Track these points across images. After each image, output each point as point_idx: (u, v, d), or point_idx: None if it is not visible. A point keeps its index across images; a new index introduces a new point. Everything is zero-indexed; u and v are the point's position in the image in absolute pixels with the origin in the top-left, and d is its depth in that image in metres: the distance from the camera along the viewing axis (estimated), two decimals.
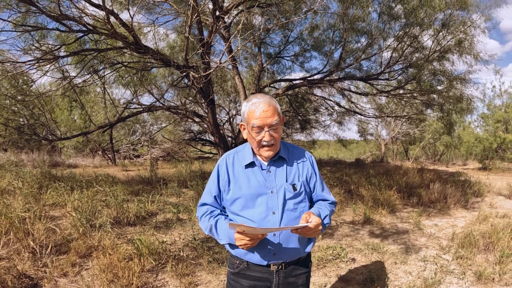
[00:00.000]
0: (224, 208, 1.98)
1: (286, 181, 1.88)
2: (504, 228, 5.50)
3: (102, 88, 13.43)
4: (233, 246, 1.90)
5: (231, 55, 6.98)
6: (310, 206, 1.99)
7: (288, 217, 1.83)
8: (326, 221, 1.87)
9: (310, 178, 1.97)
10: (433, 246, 5.25)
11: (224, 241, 1.83)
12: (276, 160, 1.91)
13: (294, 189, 1.87)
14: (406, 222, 6.60)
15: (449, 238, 5.60)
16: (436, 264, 4.52)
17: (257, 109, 1.78)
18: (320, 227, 1.74)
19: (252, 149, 1.91)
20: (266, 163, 1.90)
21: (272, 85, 12.29)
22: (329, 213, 1.93)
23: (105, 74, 9.35)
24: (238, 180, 1.88)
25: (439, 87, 9.89)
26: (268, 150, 1.83)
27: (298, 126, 15.76)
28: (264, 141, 1.80)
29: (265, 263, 1.84)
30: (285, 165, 1.92)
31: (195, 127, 16.98)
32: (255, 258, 1.84)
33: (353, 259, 4.67)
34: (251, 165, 1.90)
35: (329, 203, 2.02)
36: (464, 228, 6.06)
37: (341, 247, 4.89)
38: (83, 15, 5.83)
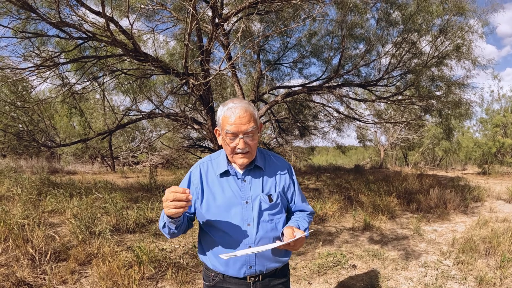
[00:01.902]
0: (191, 214, 1.87)
1: (262, 192, 1.80)
2: (504, 232, 5.50)
3: (102, 95, 13.43)
4: (205, 256, 1.86)
5: (230, 63, 7.01)
6: (287, 217, 1.93)
7: (264, 229, 1.77)
8: (306, 233, 1.78)
9: (287, 189, 1.90)
10: (433, 252, 5.24)
11: (162, 224, 1.73)
12: (252, 169, 1.83)
13: (270, 200, 1.80)
14: (406, 228, 6.59)
15: (449, 243, 5.59)
16: (437, 269, 4.51)
17: (232, 115, 1.68)
18: (303, 241, 1.70)
19: (227, 156, 1.82)
20: (241, 172, 1.82)
21: (271, 92, 12.32)
22: (307, 225, 1.89)
23: (104, 81, 9.37)
24: (212, 189, 1.79)
25: (437, 93, 9.92)
26: (242, 158, 1.73)
27: (297, 132, 15.76)
28: (238, 148, 1.70)
29: (241, 275, 1.78)
30: (261, 175, 1.84)
31: (195, 134, 16.95)
32: (230, 271, 1.78)
33: (354, 266, 4.66)
34: (226, 173, 1.81)
35: (307, 214, 1.97)
36: (464, 233, 6.06)
37: (341, 254, 4.88)
38: (83, 22, 5.85)
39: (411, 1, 8.58)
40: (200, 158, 16.25)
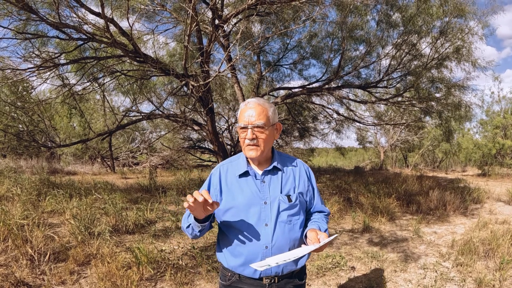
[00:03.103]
0: (211, 214, 1.88)
1: (281, 192, 1.82)
2: (504, 234, 5.50)
3: (102, 96, 13.44)
4: (223, 256, 1.88)
5: (230, 64, 7.02)
6: (306, 219, 1.95)
7: (282, 229, 1.78)
8: (336, 235, 1.85)
9: (307, 190, 1.92)
10: (432, 254, 5.24)
11: (186, 225, 1.80)
12: (271, 170, 1.85)
13: (289, 200, 1.82)
14: (406, 229, 6.59)
15: (448, 245, 5.59)
16: (436, 271, 4.51)
17: (246, 108, 1.79)
18: (328, 244, 1.71)
19: (247, 158, 1.87)
20: (260, 173, 1.85)
21: (271, 93, 12.33)
22: (327, 226, 1.91)
23: (104, 82, 9.39)
24: (231, 190, 1.83)
25: (437, 95, 9.93)
26: (250, 149, 1.77)
27: (297, 134, 15.77)
28: (247, 139, 1.76)
29: (257, 276, 1.79)
30: (280, 176, 1.86)
31: (194, 135, 16.97)
32: (247, 271, 1.79)
33: (353, 268, 4.65)
34: (245, 174, 1.84)
35: (325, 215, 2.00)
36: (464, 235, 6.05)
37: (340, 256, 4.88)
38: (83, 23, 5.87)
39: (411, 3, 8.60)
40: (200, 159, 16.24)
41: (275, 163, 1.87)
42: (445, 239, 6.01)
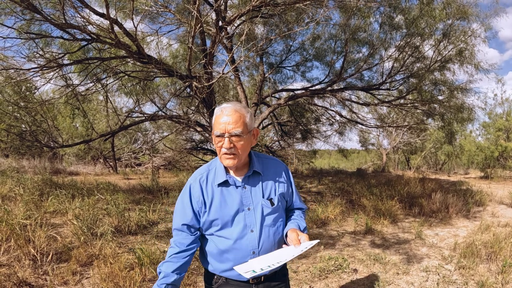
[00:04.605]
0: (196, 229, 1.85)
1: (263, 197, 1.82)
2: (506, 237, 5.49)
3: (105, 97, 13.48)
4: (208, 263, 1.87)
5: (234, 66, 7.03)
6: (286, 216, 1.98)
7: (267, 233, 1.79)
8: (305, 231, 1.86)
9: (286, 190, 1.92)
10: (435, 256, 5.23)
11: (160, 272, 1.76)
12: (251, 175, 1.83)
13: (272, 203, 1.82)
14: (408, 232, 6.58)
15: (451, 248, 5.58)
16: (438, 274, 4.50)
17: (222, 115, 1.70)
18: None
19: (224, 166, 1.82)
20: (240, 180, 1.82)
21: (273, 95, 12.33)
22: (305, 223, 1.93)
23: (108, 82, 9.41)
24: (213, 201, 1.78)
25: (440, 97, 9.91)
26: (227, 159, 1.72)
27: (299, 136, 15.77)
28: (224, 147, 1.69)
29: (244, 279, 1.79)
30: (260, 180, 1.84)
31: (197, 137, 16.97)
32: (233, 275, 1.78)
33: (355, 270, 4.65)
34: (225, 183, 1.80)
35: (303, 212, 2.02)
36: (466, 238, 6.04)
37: (342, 258, 4.87)
38: (87, 24, 5.88)
39: (414, 5, 8.59)
40: (203, 160, 16.23)
41: (254, 168, 1.84)
42: (448, 241, 6.00)
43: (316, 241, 1.73)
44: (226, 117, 1.69)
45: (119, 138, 18.22)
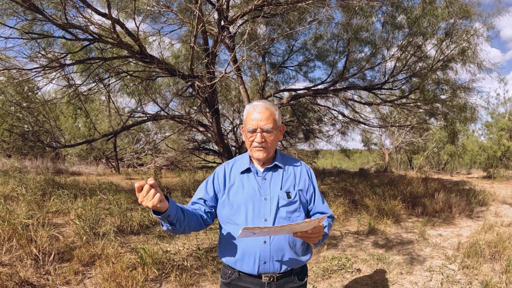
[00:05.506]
0: (212, 207, 1.93)
1: (281, 189, 1.87)
2: (510, 237, 5.46)
3: (107, 97, 13.48)
4: (222, 253, 1.90)
5: (236, 65, 7.02)
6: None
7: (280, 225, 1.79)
8: (326, 230, 1.85)
9: (307, 189, 1.95)
10: (438, 256, 5.20)
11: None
12: (272, 167, 1.92)
13: (288, 196, 1.85)
14: (411, 232, 6.55)
15: (454, 247, 5.55)
16: (442, 274, 4.47)
17: (253, 112, 1.83)
18: (322, 232, 1.68)
19: (250, 157, 1.94)
20: (262, 170, 1.91)
21: (276, 94, 12.32)
22: (327, 224, 1.91)
23: (110, 82, 9.41)
24: (233, 185, 1.89)
25: (442, 96, 9.89)
26: (258, 151, 1.84)
27: (301, 135, 15.74)
28: (256, 141, 1.82)
29: (255, 272, 1.79)
30: (281, 173, 1.92)
31: (199, 137, 17.00)
32: (244, 266, 1.81)
33: (358, 270, 4.63)
34: (247, 171, 1.91)
35: (328, 217, 1.98)
36: (470, 238, 6.01)
37: (346, 258, 4.85)
38: (89, 24, 5.88)
39: (417, 4, 8.57)
40: (205, 160, 16.26)
41: (276, 161, 1.93)
42: (451, 241, 5.97)
43: (325, 215, 1.77)
44: (258, 114, 1.82)
45: (121, 138, 18.25)
